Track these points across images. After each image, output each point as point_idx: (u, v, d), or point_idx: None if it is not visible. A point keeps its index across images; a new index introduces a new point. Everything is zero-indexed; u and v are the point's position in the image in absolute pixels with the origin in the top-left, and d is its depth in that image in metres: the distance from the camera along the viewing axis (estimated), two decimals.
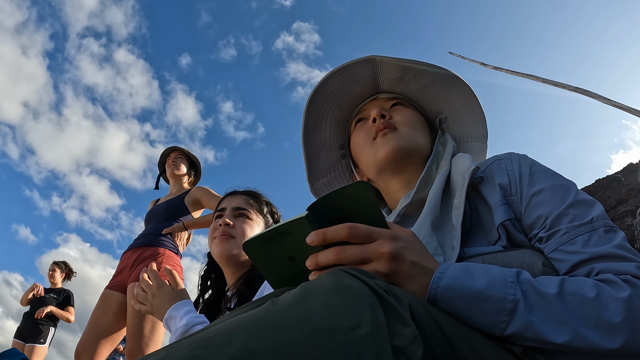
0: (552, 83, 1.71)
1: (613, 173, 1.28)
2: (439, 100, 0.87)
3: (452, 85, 0.84)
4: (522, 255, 0.56)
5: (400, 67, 0.83)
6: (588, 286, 0.48)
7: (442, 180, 0.71)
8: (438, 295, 0.46)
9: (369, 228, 0.47)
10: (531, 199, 0.62)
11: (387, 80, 0.86)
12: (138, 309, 1.15)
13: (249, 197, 1.33)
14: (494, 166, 0.68)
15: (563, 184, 0.62)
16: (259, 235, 0.48)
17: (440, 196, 0.68)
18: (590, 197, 0.60)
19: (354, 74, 0.85)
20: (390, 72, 0.84)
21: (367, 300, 0.35)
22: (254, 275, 1.19)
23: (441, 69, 0.82)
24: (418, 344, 0.34)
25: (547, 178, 0.63)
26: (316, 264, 0.47)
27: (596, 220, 0.56)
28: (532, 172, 0.64)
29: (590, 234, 0.55)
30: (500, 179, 0.66)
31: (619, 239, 0.55)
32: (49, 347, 4.31)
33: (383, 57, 0.82)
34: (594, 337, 0.44)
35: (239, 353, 0.28)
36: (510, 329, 0.45)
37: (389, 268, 0.46)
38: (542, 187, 0.62)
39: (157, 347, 1.87)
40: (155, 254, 2.08)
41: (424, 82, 0.84)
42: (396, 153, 0.76)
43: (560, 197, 0.60)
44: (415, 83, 0.85)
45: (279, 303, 0.35)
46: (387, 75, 0.85)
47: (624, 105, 1.42)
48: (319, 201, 0.48)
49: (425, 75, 0.83)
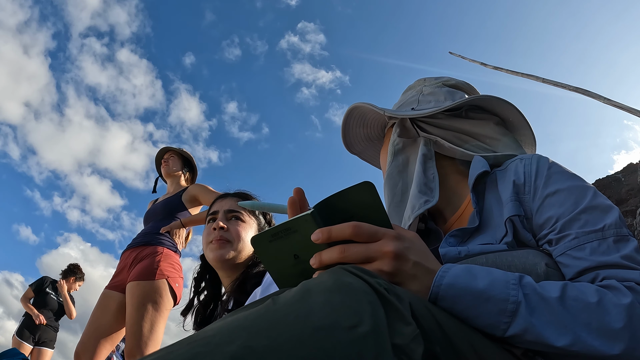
0: (552, 83, 1.71)
1: (613, 173, 1.28)
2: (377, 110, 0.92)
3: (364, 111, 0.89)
4: (525, 255, 0.56)
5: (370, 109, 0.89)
6: (590, 292, 0.48)
7: (385, 199, 0.76)
8: (440, 293, 0.46)
9: (373, 227, 0.47)
10: (545, 199, 0.61)
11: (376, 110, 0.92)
12: None
13: (240, 199, 1.34)
14: (514, 165, 0.68)
15: (580, 186, 0.60)
16: (266, 231, 0.49)
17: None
18: (607, 202, 0.59)
19: (358, 115, 0.93)
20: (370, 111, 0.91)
21: (367, 299, 0.35)
22: (248, 277, 1.19)
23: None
24: (418, 343, 0.34)
25: (564, 180, 0.62)
26: (320, 262, 0.47)
27: (608, 228, 0.55)
28: (550, 173, 0.63)
29: (600, 242, 0.54)
30: (516, 177, 0.65)
31: (628, 249, 0.54)
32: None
33: (357, 104, 0.90)
34: (594, 342, 0.44)
35: (239, 351, 0.28)
36: (511, 330, 0.45)
37: (393, 267, 0.46)
38: (558, 188, 0.61)
39: (156, 347, 1.87)
40: (153, 252, 2.07)
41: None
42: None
43: (575, 200, 0.58)
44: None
45: (280, 301, 0.35)
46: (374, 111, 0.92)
47: (623, 105, 1.42)
48: (325, 201, 0.49)
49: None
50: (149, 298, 1.91)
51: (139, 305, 1.89)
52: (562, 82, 1.68)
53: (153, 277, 1.96)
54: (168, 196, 2.40)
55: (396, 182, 0.75)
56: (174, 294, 1.98)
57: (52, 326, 4.33)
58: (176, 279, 2.03)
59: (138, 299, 1.91)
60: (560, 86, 1.67)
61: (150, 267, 2.00)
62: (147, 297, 1.91)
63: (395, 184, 0.75)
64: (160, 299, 1.92)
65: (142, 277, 1.98)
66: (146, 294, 1.92)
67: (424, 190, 0.70)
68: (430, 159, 0.76)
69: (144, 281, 1.95)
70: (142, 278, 1.97)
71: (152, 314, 1.88)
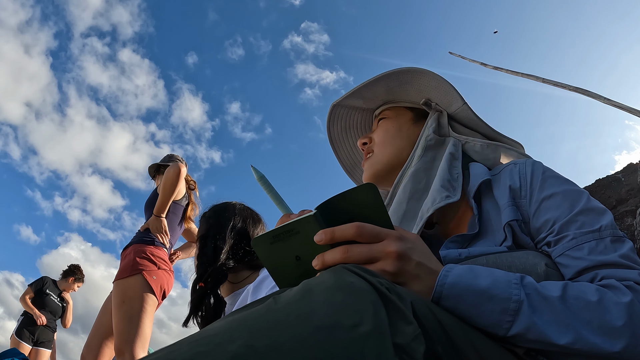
0: (552, 83, 1.71)
1: (613, 173, 1.28)
2: (410, 91, 0.88)
3: (406, 78, 0.85)
4: (525, 256, 0.56)
5: (356, 95, 0.89)
6: (591, 291, 0.48)
7: (405, 189, 0.75)
8: (444, 292, 0.46)
9: (376, 228, 0.47)
10: (541, 203, 0.62)
11: (364, 103, 0.92)
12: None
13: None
14: (508, 170, 0.69)
15: (575, 190, 0.62)
16: (267, 232, 0.49)
17: (401, 208, 0.73)
18: (601, 205, 0.61)
19: (339, 118, 0.96)
20: (356, 101, 0.91)
21: (369, 298, 0.35)
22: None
23: (384, 77, 0.85)
24: (420, 342, 0.34)
25: (559, 184, 0.63)
26: (323, 263, 0.47)
27: (604, 229, 0.57)
28: (545, 177, 0.65)
29: (598, 241, 0.56)
30: (512, 181, 0.66)
31: (625, 249, 0.55)
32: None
33: (339, 99, 0.91)
34: (596, 340, 0.44)
35: (240, 351, 0.28)
36: (514, 329, 0.45)
37: (396, 267, 0.46)
38: (554, 192, 0.62)
39: (144, 342, 1.89)
40: (130, 251, 2.11)
41: (385, 89, 0.88)
42: (372, 179, 0.84)
43: (571, 204, 0.60)
44: (381, 91, 0.88)
45: (281, 301, 0.35)
46: (358, 103, 0.92)
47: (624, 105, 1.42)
48: (327, 202, 0.49)
49: (380, 86, 0.87)
50: (125, 295, 1.95)
51: (118, 304, 1.93)
52: (562, 82, 1.69)
53: (127, 274, 1.99)
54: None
55: (420, 179, 0.75)
56: (150, 288, 1.99)
57: (51, 327, 4.34)
58: (154, 272, 2.04)
59: (116, 298, 1.95)
60: (560, 86, 1.68)
61: (126, 265, 2.04)
62: (124, 295, 1.95)
63: (419, 180, 0.75)
64: (136, 295, 1.95)
65: (118, 276, 2.03)
66: (123, 292, 1.96)
67: (447, 186, 0.70)
68: (456, 159, 0.76)
69: (120, 280, 2.00)
70: (118, 277, 2.02)
71: (131, 310, 1.91)
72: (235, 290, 1.30)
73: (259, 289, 1.16)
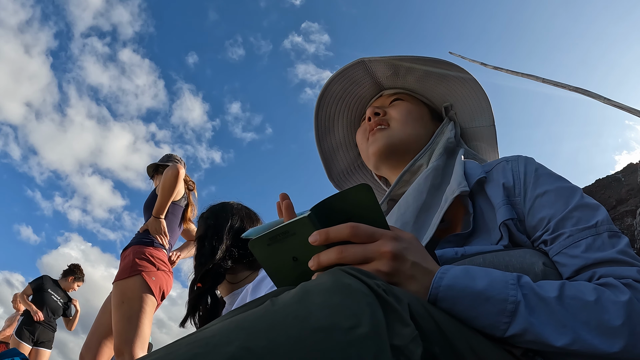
0: (552, 83, 1.71)
1: (613, 173, 1.28)
2: (439, 89, 0.88)
3: (447, 75, 0.85)
4: (522, 255, 0.56)
5: (390, 65, 0.86)
6: (588, 290, 0.48)
7: (427, 179, 0.72)
8: (439, 294, 0.46)
9: (371, 228, 0.47)
10: (535, 200, 0.62)
11: (385, 77, 0.89)
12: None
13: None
14: (500, 167, 0.69)
15: (568, 187, 0.62)
16: (264, 234, 0.49)
17: (421, 197, 0.70)
18: (595, 201, 0.60)
19: (351, 76, 0.90)
20: (384, 70, 0.88)
21: (366, 300, 0.35)
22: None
23: (430, 65, 0.84)
24: (417, 344, 0.34)
25: (552, 181, 0.63)
26: (318, 263, 0.47)
27: (601, 224, 0.56)
28: (538, 175, 0.65)
29: (595, 237, 0.55)
30: (505, 179, 0.66)
31: (622, 244, 0.55)
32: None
33: (371, 58, 0.86)
34: (594, 341, 0.44)
35: (237, 352, 0.28)
36: (511, 330, 0.45)
37: (391, 267, 0.46)
38: (547, 189, 0.62)
39: (143, 342, 1.90)
40: (130, 252, 2.12)
41: (418, 75, 0.87)
42: (383, 150, 0.80)
43: (565, 200, 0.60)
44: (411, 77, 0.88)
45: (278, 302, 0.35)
46: (382, 74, 0.89)
47: (624, 105, 1.42)
48: (322, 203, 0.49)
49: (416, 70, 0.86)
50: (124, 296, 1.96)
51: (118, 304, 1.94)
52: (562, 82, 1.68)
53: (126, 275, 2.00)
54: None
55: (438, 175, 0.74)
56: (149, 288, 2.00)
57: (51, 326, 4.34)
58: (153, 273, 2.05)
59: (116, 299, 1.96)
60: (560, 86, 1.67)
61: (125, 267, 2.05)
62: (123, 295, 1.96)
63: (437, 175, 0.74)
64: (136, 295, 1.96)
65: (118, 277, 2.04)
66: (122, 292, 1.97)
67: (461, 180, 0.70)
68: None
69: (119, 281, 2.01)
70: (117, 278, 2.03)
71: (130, 311, 1.92)
72: (234, 290, 1.31)
73: (258, 289, 1.16)
